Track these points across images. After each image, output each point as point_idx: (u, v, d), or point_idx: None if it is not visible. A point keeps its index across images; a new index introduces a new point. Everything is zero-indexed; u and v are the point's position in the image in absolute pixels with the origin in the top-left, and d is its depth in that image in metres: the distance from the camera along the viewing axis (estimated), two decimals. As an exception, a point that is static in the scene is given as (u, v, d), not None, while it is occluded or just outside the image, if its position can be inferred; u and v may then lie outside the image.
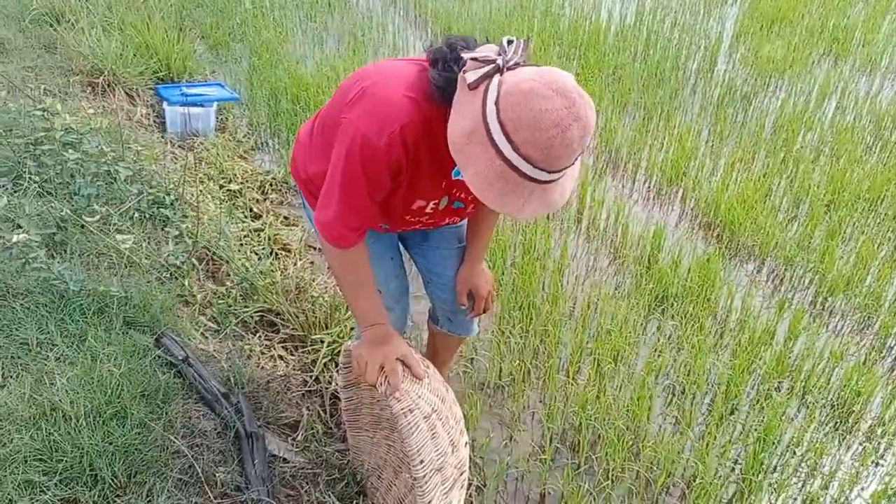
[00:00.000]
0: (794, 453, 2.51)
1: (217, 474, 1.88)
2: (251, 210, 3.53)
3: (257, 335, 2.61)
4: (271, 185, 3.83)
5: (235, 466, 1.93)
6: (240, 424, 2.01)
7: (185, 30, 5.38)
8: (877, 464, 2.56)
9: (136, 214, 2.78)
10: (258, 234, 3.29)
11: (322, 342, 2.60)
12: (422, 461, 1.56)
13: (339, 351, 2.63)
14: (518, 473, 2.40)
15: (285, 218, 3.58)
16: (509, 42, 1.36)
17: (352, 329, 2.68)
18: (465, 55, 1.36)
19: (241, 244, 3.10)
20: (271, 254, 3.14)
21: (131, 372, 1.97)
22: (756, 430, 2.51)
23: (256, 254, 3.08)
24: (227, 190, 3.66)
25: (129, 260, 2.49)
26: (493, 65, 1.31)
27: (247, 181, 3.78)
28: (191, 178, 3.33)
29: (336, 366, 2.60)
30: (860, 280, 3.37)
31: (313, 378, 2.51)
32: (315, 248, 3.34)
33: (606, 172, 4.26)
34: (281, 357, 2.56)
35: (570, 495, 2.22)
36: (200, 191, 3.38)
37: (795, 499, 2.37)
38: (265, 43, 5.38)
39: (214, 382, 2.13)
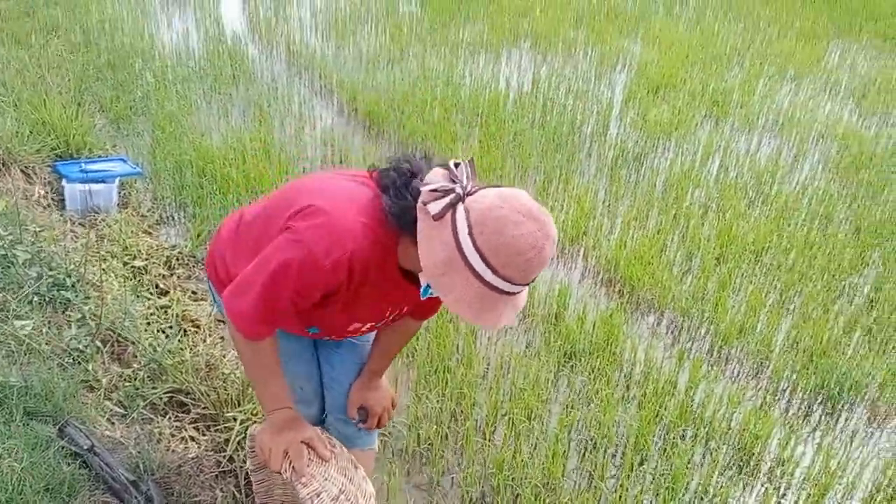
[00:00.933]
0: (702, 499, 2.62)
1: (128, 568, 1.82)
2: (157, 286, 3.47)
3: (167, 417, 2.55)
4: (178, 259, 3.77)
5: (148, 557, 1.86)
6: (151, 513, 1.95)
7: (83, 104, 5.28)
8: (779, 503, 2.71)
9: (36, 298, 2.70)
10: (165, 311, 3.23)
11: (235, 420, 2.55)
12: None
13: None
14: (439, 540, 2.40)
15: (193, 293, 3.52)
16: (456, 165, 1.43)
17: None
18: (421, 187, 1.41)
19: (148, 323, 3.04)
20: (180, 331, 3.08)
21: (33, 466, 1.89)
22: (665, 478, 2.62)
23: (164, 332, 3.01)
24: (132, 267, 3.58)
25: (29, 347, 2.40)
26: (454, 194, 1.38)
27: (152, 256, 3.71)
28: (93, 256, 3.25)
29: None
30: (752, 327, 3.59)
31: (226, 458, 2.46)
32: (224, 323, 3.30)
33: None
34: (192, 438, 2.50)
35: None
36: (103, 269, 3.29)
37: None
38: (168, 115, 5.34)
39: (122, 471, 2.07)
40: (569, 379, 3.18)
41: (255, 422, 2.57)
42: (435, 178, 1.43)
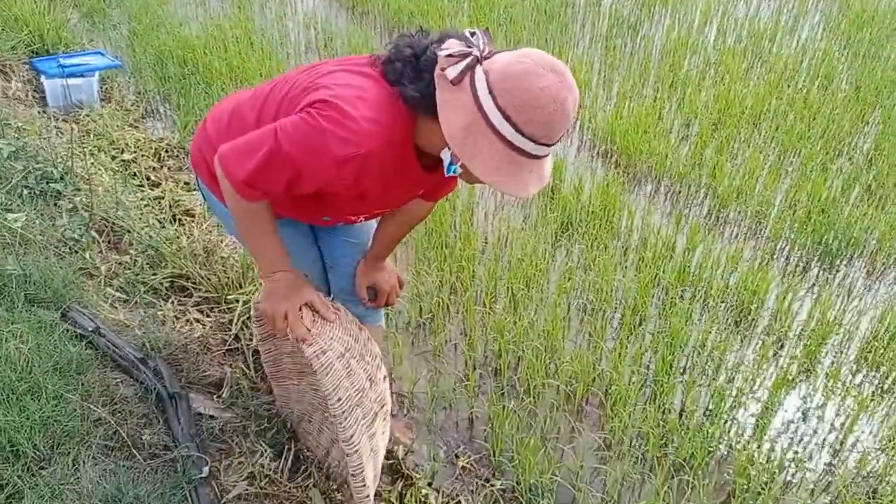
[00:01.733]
0: (700, 353, 2.68)
1: (143, 437, 1.87)
2: (149, 178, 3.42)
3: (169, 301, 2.57)
4: (167, 151, 3.71)
5: (161, 427, 1.92)
6: (160, 387, 1.99)
7: (55, -1, 5.07)
8: (776, 354, 2.76)
9: (25, 192, 2.66)
10: (158, 202, 3.20)
11: (237, 301, 2.57)
12: (339, 399, 1.58)
13: (256, 307, 2.62)
14: (446, 402, 2.47)
15: (185, 184, 3.48)
16: (472, 34, 1.37)
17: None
18: (438, 53, 1.36)
19: (142, 213, 3.01)
20: (175, 220, 3.07)
21: (40, 347, 1.91)
22: (663, 336, 2.66)
23: (159, 221, 2.99)
24: (121, 160, 3.52)
25: (24, 238, 2.39)
26: (472, 57, 1.33)
27: (140, 150, 3.65)
28: (80, 150, 3.19)
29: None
30: (750, 190, 3.58)
31: (232, 336, 2.49)
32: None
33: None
34: (197, 320, 2.53)
35: (496, 416, 2.30)
36: (91, 163, 3.25)
37: (703, 394, 2.53)
38: (143, 6, 5.14)
39: (129, 349, 2.09)
40: (567, 248, 3.19)
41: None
42: (451, 45, 1.38)
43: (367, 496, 1.66)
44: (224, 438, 2.03)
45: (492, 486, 2.19)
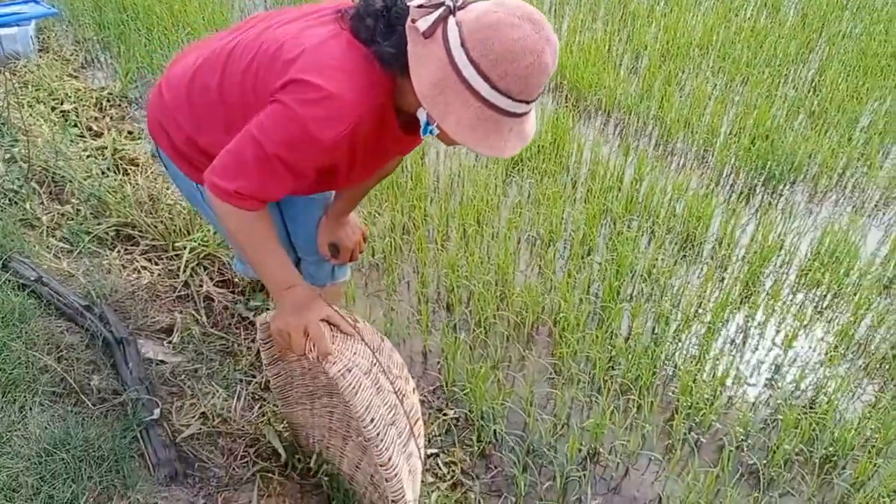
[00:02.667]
0: (646, 280, 2.74)
1: (91, 383, 1.87)
2: (90, 128, 3.34)
3: (115, 250, 2.54)
4: (108, 100, 3.62)
5: (109, 373, 1.92)
6: (107, 332, 1.98)
7: (-18, -55, 4.84)
8: (720, 278, 2.84)
9: (-42, 144, 2.59)
10: (101, 152, 3.13)
11: (185, 248, 2.56)
12: (372, 419, 1.46)
13: (206, 254, 2.61)
14: (399, 338, 2.50)
15: (129, 133, 3.41)
16: None
17: (216, 232, 2.65)
18: (409, 3, 1.27)
19: (84, 163, 2.95)
20: (119, 169, 3.01)
21: (-21, 298, 1.89)
22: (611, 265, 2.71)
23: (102, 171, 2.94)
24: (61, 111, 3.43)
25: (-42, 190, 2.33)
26: (444, 7, 1.24)
27: (81, 99, 3.56)
28: (16, 101, 3.10)
29: (204, 269, 2.58)
30: (697, 119, 3.61)
31: (182, 283, 2.48)
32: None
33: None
34: (144, 268, 2.51)
35: (449, 348, 2.35)
36: (29, 114, 3.16)
37: (649, 318, 2.60)
38: (78, -49, 4.93)
39: (74, 297, 2.08)
40: (517, 183, 3.21)
41: (204, 250, 2.59)
42: None
43: None
44: (175, 382, 2.04)
45: (445, 415, 2.24)
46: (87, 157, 3.08)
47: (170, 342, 2.21)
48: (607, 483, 2.10)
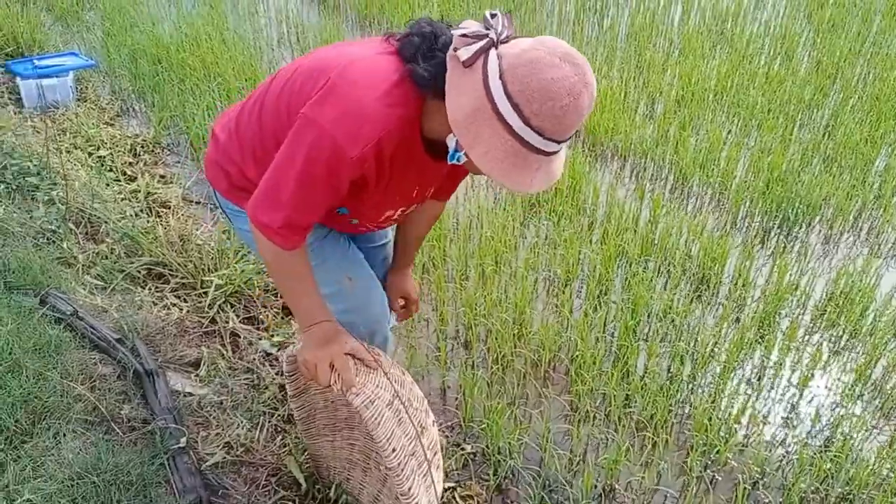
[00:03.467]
0: (662, 320, 2.78)
1: (122, 412, 1.95)
2: (125, 173, 3.49)
3: (146, 288, 2.64)
4: (142, 146, 3.78)
5: (139, 402, 2.00)
6: (137, 364, 2.07)
7: (28, 3, 5.12)
8: (735, 318, 2.87)
9: (2, 186, 2.73)
10: (135, 195, 3.27)
11: (211, 284, 2.65)
12: (394, 449, 1.50)
13: (232, 292, 2.71)
14: (419, 375, 2.56)
15: (161, 177, 3.55)
16: (493, 15, 1.30)
17: (243, 271, 2.74)
18: (453, 32, 1.29)
19: (118, 205, 3.09)
20: (151, 211, 3.14)
21: (19, 330, 1.99)
22: (627, 305, 2.76)
23: (135, 213, 3.07)
24: (97, 157, 3.59)
25: (2, 229, 2.46)
26: (487, 39, 1.26)
27: (116, 145, 3.72)
28: (56, 147, 3.26)
29: (231, 307, 2.68)
30: (712, 162, 3.68)
31: (209, 319, 2.57)
32: (195, 202, 3.35)
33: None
34: (174, 304, 2.60)
35: (467, 384, 2.40)
36: (67, 159, 3.31)
37: (664, 357, 2.64)
38: (117, 7, 5.19)
39: (107, 331, 2.17)
40: (535, 225, 3.29)
41: (230, 287, 2.68)
42: (469, 26, 1.31)
43: None
44: (202, 413, 2.11)
45: (462, 449, 2.28)
46: (122, 199, 3.21)
47: (197, 375, 2.29)
48: (624, 519, 2.12)
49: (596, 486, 2.18)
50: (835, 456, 2.28)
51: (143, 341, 2.23)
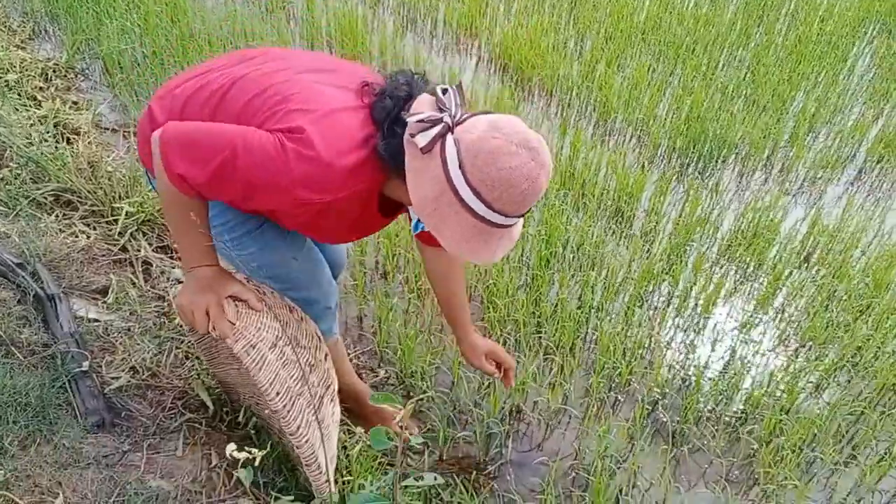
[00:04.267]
0: (575, 251, 2.84)
1: (22, 336, 1.91)
2: (34, 98, 3.34)
3: (53, 215, 2.57)
4: (54, 71, 3.61)
5: (40, 327, 1.96)
6: (38, 288, 2.02)
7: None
8: (648, 251, 2.96)
9: None
10: (43, 121, 3.14)
11: (122, 211, 2.59)
12: (277, 393, 1.52)
13: (145, 220, 2.65)
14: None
15: (74, 103, 3.42)
16: (444, 91, 1.31)
17: (155, 198, 2.68)
18: (407, 118, 1.29)
19: (26, 131, 2.96)
20: (63, 138, 3.03)
21: None
22: (542, 236, 2.81)
23: (44, 139, 2.95)
24: (5, 81, 3.42)
25: None
26: (443, 124, 1.27)
27: (26, 70, 3.54)
28: (-44, 69, 3.09)
29: (143, 235, 2.62)
30: (635, 100, 3.73)
31: (119, 247, 2.52)
32: (107, 129, 3.25)
33: (407, 29, 4.34)
34: (83, 232, 2.54)
35: (383, 312, 2.42)
36: (-29, 83, 3.15)
37: (575, 286, 2.71)
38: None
39: (6, 255, 2.11)
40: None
41: (143, 213, 2.63)
42: (421, 106, 1.32)
43: (326, 482, 1.62)
44: (108, 339, 2.09)
45: (376, 375, 2.33)
46: (31, 126, 3.08)
47: (104, 302, 2.25)
48: (529, 438, 2.21)
49: (503, 408, 2.26)
50: (731, 377, 2.40)
51: (45, 267, 2.18)
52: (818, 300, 2.74)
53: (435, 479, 1.08)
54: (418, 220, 1.41)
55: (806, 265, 2.97)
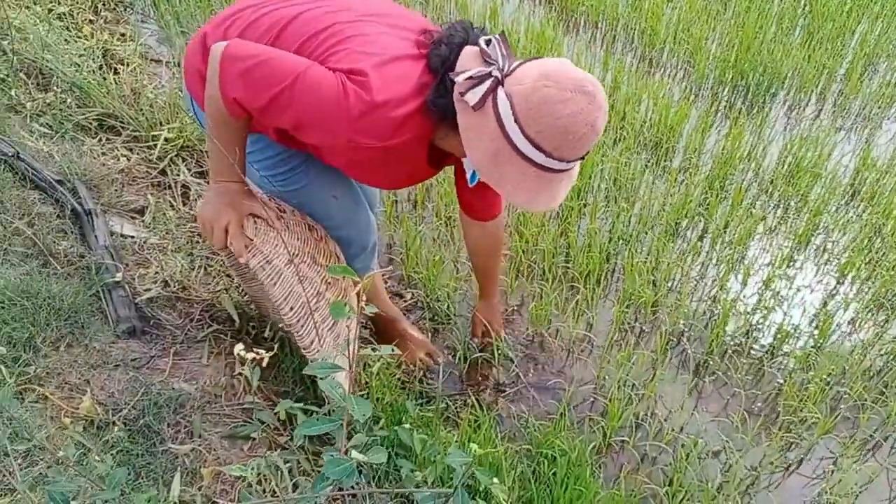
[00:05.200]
0: (609, 182, 2.80)
1: (59, 247, 2.01)
2: (82, 30, 3.43)
3: (97, 138, 2.65)
4: (104, 4, 3.69)
5: (77, 239, 2.05)
6: (76, 203, 2.11)
7: None
8: (686, 184, 2.89)
9: (-51, 34, 2.69)
10: (91, 51, 3.22)
11: (160, 137, 2.66)
12: (291, 308, 1.55)
13: (184, 145, 2.72)
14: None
15: (122, 35, 3.49)
16: (487, 42, 1.29)
17: (194, 124, 2.74)
18: (455, 77, 1.27)
19: (74, 59, 3.05)
20: (109, 68, 3.11)
21: (-43, 166, 2.01)
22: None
23: (90, 70, 3.04)
24: (57, 14, 3.52)
25: (-55, 74, 2.44)
26: (492, 78, 1.25)
27: (77, 2, 3.63)
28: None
29: (183, 161, 2.70)
30: (685, 31, 3.60)
31: (159, 171, 2.60)
32: (153, 60, 3.32)
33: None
34: (124, 155, 2.62)
35: (411, 239, 2.45)
36: (25, 15, 3.25)
37: (607, 218, 2.67)
38: None
39: (49, 172, 2.20)
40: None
41: (181, 138, 2.70)
42: (467, 61, 1.30)
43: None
44: (142, 255, 2.17)
45: (403, 298, 2.37)
46: (79, 56, 3.17)
47: (142, 221, 2.33)
48: (550, 364, 2.22)
49: (527, 334, 2.27)
50: (764, 310, 2.35)
51: (85, 185, 2.27)
52: (861, 237, 2.64)
53: (392, 350, 1.12)
54: (474, 172, 1.41)
55: (851, 201, 2.86)
